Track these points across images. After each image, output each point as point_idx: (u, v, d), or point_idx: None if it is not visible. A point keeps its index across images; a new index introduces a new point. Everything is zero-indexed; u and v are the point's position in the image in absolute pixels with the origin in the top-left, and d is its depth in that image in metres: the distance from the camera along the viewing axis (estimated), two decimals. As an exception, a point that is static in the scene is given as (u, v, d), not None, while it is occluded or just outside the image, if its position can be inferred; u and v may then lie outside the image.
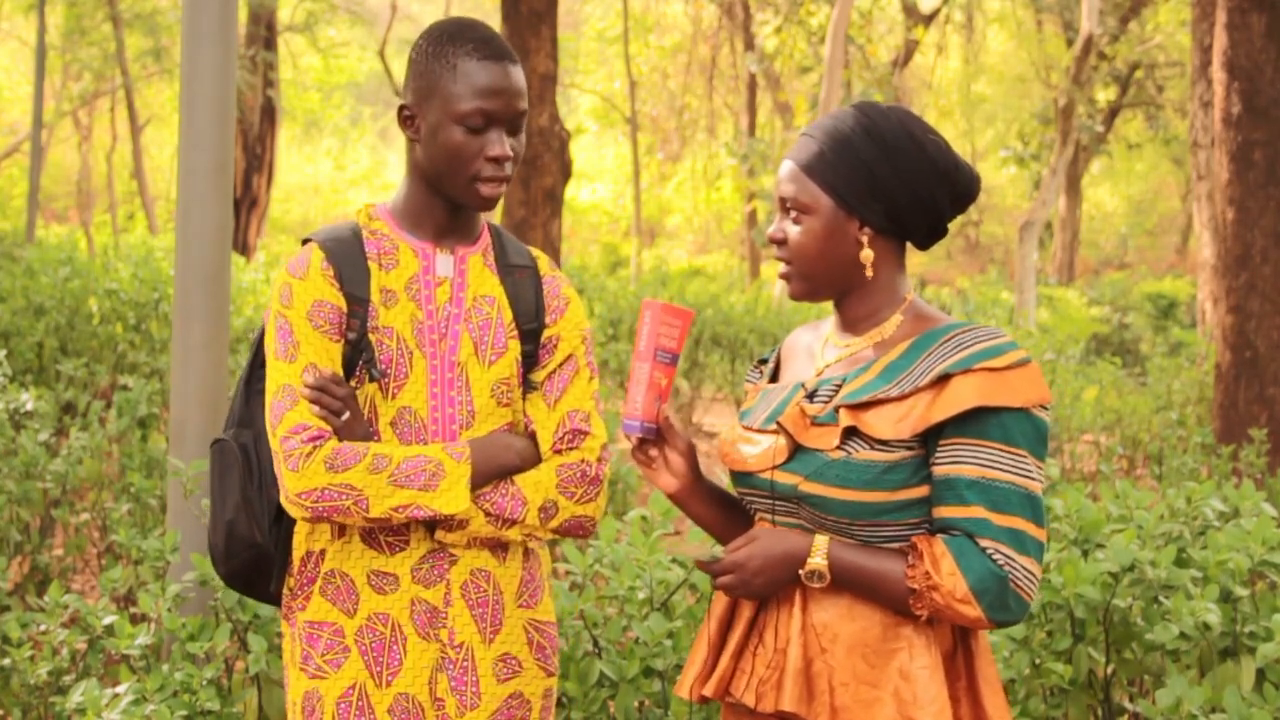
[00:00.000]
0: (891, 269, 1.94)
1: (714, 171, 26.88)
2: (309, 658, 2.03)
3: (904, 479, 1.82)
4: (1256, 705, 2.59)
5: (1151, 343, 16.08)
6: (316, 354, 1.97)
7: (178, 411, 3.40)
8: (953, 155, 1.92)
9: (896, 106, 1.93)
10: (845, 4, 13.90)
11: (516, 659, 2.07)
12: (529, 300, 2.11)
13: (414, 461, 1.93)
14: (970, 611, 1.77)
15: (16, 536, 4.27)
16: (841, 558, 1.82)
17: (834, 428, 1.85)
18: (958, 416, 1.78)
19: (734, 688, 1.92)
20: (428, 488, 1.93)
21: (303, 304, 1.99)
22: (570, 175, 9.27)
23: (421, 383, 2.02)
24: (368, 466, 1.91)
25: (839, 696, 1.83)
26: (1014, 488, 1.78)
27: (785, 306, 12.52)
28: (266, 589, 2.13)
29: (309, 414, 1.94)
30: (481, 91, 1.96)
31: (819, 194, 1.90)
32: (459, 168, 1.98)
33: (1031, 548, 1.78)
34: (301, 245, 2.09)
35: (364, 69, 27.86)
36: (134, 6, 16.88)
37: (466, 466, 1.94)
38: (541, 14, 9.11)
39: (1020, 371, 1.79)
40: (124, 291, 8.28)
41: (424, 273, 2.06)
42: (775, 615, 1.91)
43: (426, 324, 2.04)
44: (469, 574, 2.03)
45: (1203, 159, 9.46)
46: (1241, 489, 3.35)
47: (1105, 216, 33.53)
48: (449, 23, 2.03)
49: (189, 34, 3.40)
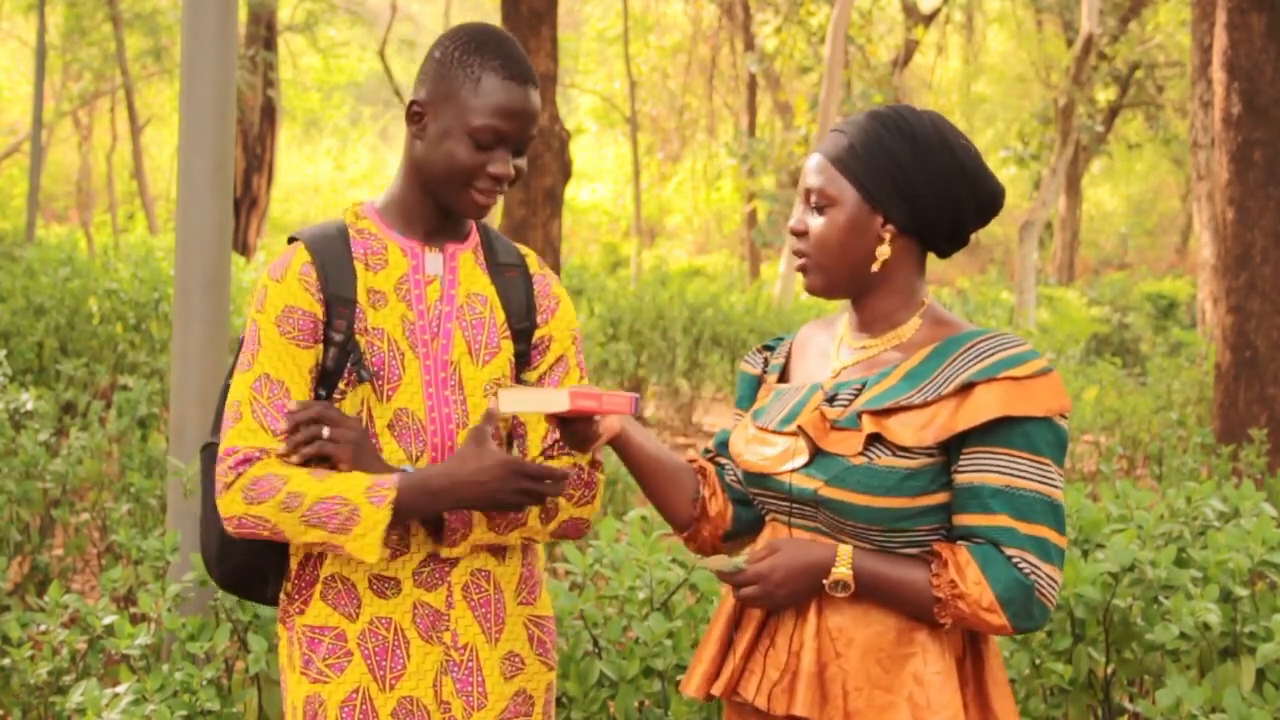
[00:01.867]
0: (910, 271, 1.93)
1: (714, 171, 26.88)
2: (310, 662, 2.01)
3: (924, 485, 1.81)
4: (1256, 705, 2.59)
5: (1151, 343, 16.08)
6: (274, 364, 1.95)
7: (178, 411, 3.40)
8: (982, 163, 1.92)
9: (930, 110, 1.93)
10: (845, 4, 13.90)
11: (519, 656, 2.07)
12: (520, 300, 2.10)
13: (328, 504, 1.87)
14: (995, 620, 1.77)
15: (16, 536, 4.27)
16: (865, 567, 1.81)
17: (855, 433, 1.84)
18: (981, 425, 1.78)
19: (743, 688, 1.92)
20: (341, 530, 1.88)
21: (274, 309, 1.98)
22: (570, 175, 9.27)
23: (416, 384, 2.01)
24: (279, 504, 1.89)
25: (853, 701, 1.83)
26: (1039, 496, 1.78)
27: (785, 306, 12.52)
28: (263, 592, 2.12)
29: (245, 433, 1.93)
30: (499, 110, 1.94)
31: (846, 186, 1.90)
32: (457, 177, 1.97)
33: (1055, 556, 1.79)
34: (288, 244, 2.06)
35: (364, 69, 27.84)
36: (134, 6, 16.88)
37: (386, 513, 1.86)
38: (541, 14, 9.11)
39: (1043, 380, 1.79)
40: (124, 291, 8.28)
41: (413, 272, 2.04)
42: (788, 618, 1.90)
43: (418, 324, 2.03)
44: (469, 575, 2.03)
45: (1203, 159, 9.46)
46: (1241, 489, 3.35)
47: (1105, 216, 33.53)
48: (480, 31, 2.00)
49: (189, 34, 3.40)
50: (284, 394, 1.95)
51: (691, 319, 10.89)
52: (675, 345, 10.64)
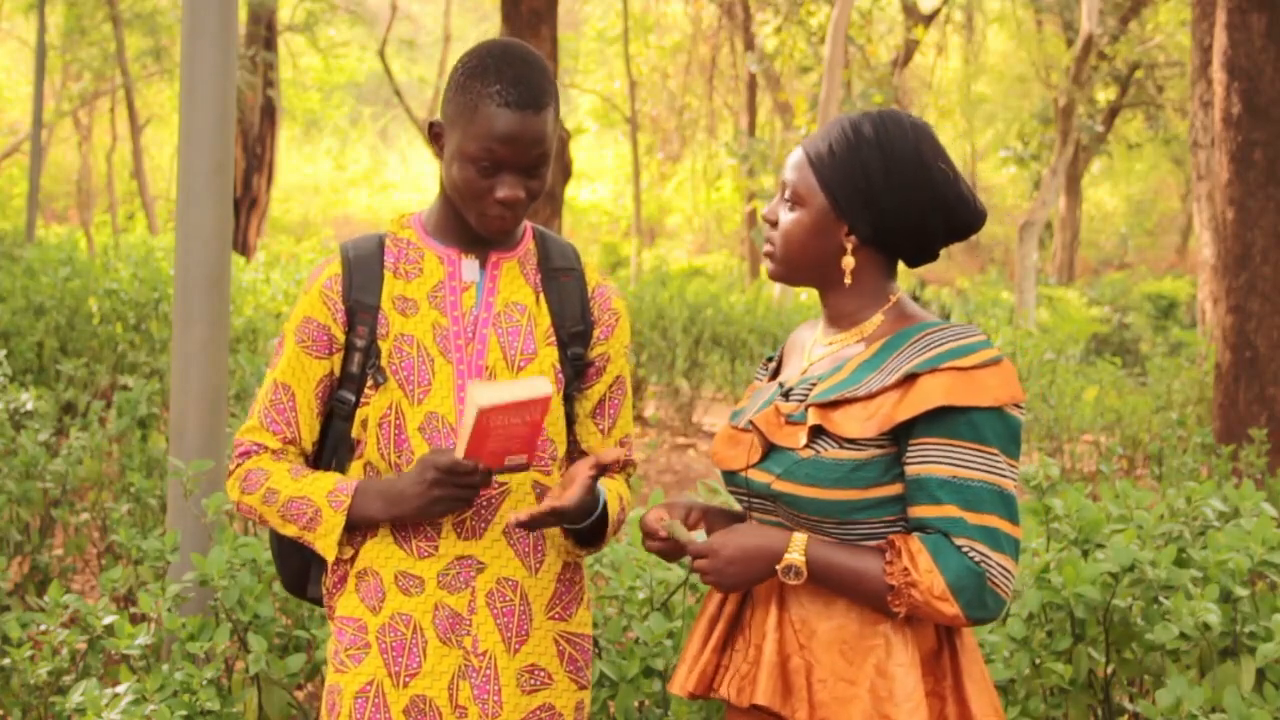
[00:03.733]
0: (876, 274, 1.94)
1: (714, 171, 26.89)
2: (336, 652, 2.07)
3: (875, 477, 1.82)
4: (1256, 705, 2.59)
5: (1151, 343, 16.09)
6: (289, 372, 2.08)
7: (178, 411, 3.40)
8: (959, 188, 1.89)
9: (920, 125, 1.91)
10: (845, 4, 13.90)
11: (545, 670, 2.06)
12: (573, 305, 2.12)
13: (298, 503, 2.02)
14: (948, 609, 1.77)
15: (16, 536, 4.27)
16: (819, 555, 1.82)
17: (803, 426, 1.86)
18: (927, 416, 1.79)
19: (718, 683, 1.94)
20: (309, 528, 2.03)
21: (297, 317, 2.09)
22: (570, 175, 9.28)
23: (447, 388, 2.03)
24: (261, 498, 2.06)
25: (816, 692, 1.83)
26: (986, 485, 1.78)
27: (785, 306, 12.51)
28: (317, 592, 2.17)
29: (251, 429, 2.10)
30: (495, 137, 1.93)
31: (816, 189, 1.91)
32: (470, 201, 1.99)
33: (1007, 545, 1.79)
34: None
35: (364, 69, 27.85)
36: (134, 6, 16.88)
37: (341, 517, 1.99)
38: (541, 14, 9.12)
39: (991, 370, 1.80)
40: (124, 291, 8.28)
41: (449, 279, 2.07)
42: (758, 611, 1.92)
43: (451, 330, 2.05)
44: (495, 583, 2.04)
45: (1203, 159, 9.45)
46: (1241, 489, 3.34)
47: (1105, 216, 33.52)
48: (487, 54, 1.98)
49: (189, 34, 3.40)
50: (290, 399, 2.07)
51: (691, 319, 10.89)
52: (675, 345, 10.64)
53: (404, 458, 2.02)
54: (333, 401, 2.08)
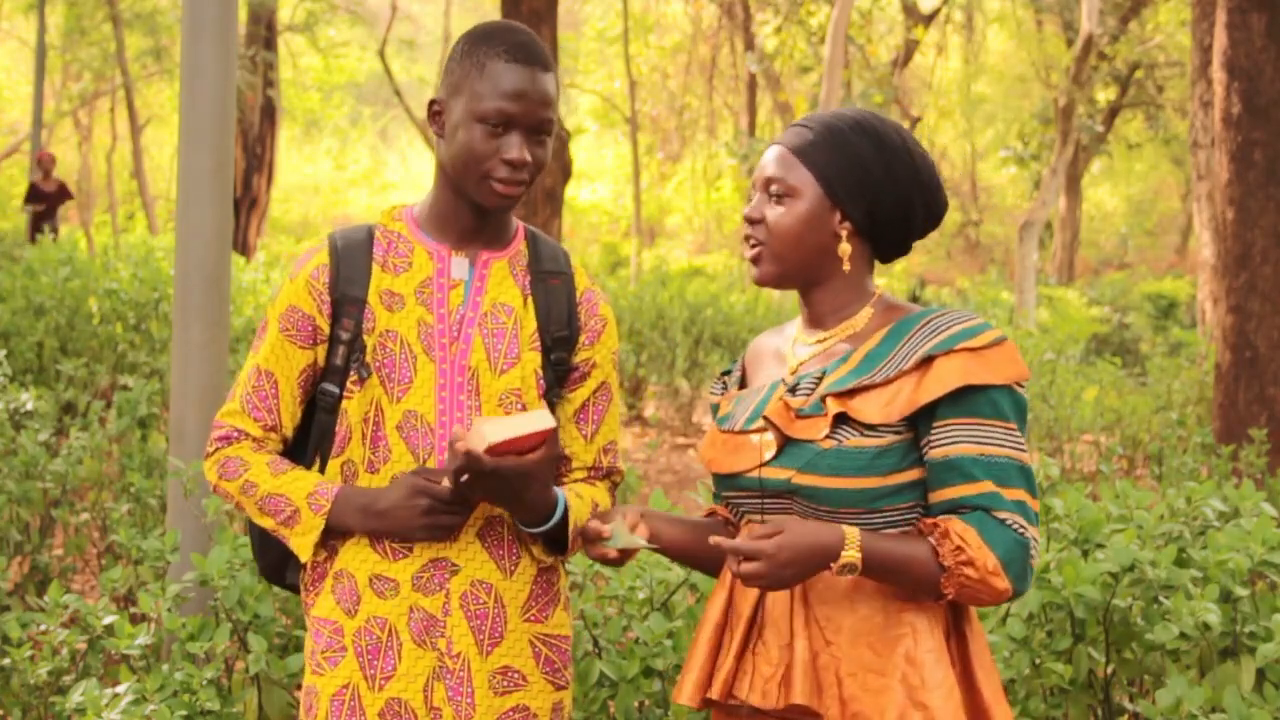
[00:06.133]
0: (861, 268, 1.97)
1: (714, 171, 26.89)
2: (313, 653, 2.06)
3: (895, 463, 1.84)
4: (1256, 705, 2.59)
5: (1151, 343, 16.07)
6: (271, 357, 2.06)
7: (178, 411, 3.40)
8: (937, 175, 1.97)
9: (894, 120, 1.97)
10: (845, 4, 13.90)
11: (519, 672, 2.05)
12: (560, 309, 2.10)
13: (276, 500, 2.02)
14: (1000, 584, 1.78)
15: (16, 536, 4.27)
16: (872, 547, 1.80)
17: (822, 418, 1.86)
18: (947, 397, 1.81)
19: (738, 690, 1.91)
20: (286, 525, 2.02)
21: (281, 305, 2.07)
22: (570, 175, 9.28)
23: (428, 387, 2.02)
24: (239, 488, 2.05)
25: (847, 687, 1.83)
26: (1011, 461, 1.82)
27: (785, 306, 12.51)
28: (295, 580, 2.16)
29: (232, 412, 2.08)
30: (504, 93, 1.95)
31: (808, 179, 1.92)
32: (475, 166, 1.97)
33: (1034, 519, 1.83)
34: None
35: (364, 69, 27.86)
36: (134, 6, 16.89)
37: (320, 521, 1.99)
38: (541, 14, 9.12)
39: (999, 349, 1.84)
40: (124, 291, 8.27)
41: (438, 275, 2.05)
42: (777, 613, 1.90)
43: (436, 328, 2.03)
44: (469, 585, 2.03)
45: (1203, 159, 9.45)
46: (1241, 489, 3.34)
47: (1105, 216, 33.51)
48: (489, 24, 2.04)
49: (189, 34, 3.40)
50: (272, 386, 2.05)
51: (691, 319, 10.88)
52: (675, 345, 10.63)
53: (380, 456, 2.01)
54: (316, 393, 2.07)
